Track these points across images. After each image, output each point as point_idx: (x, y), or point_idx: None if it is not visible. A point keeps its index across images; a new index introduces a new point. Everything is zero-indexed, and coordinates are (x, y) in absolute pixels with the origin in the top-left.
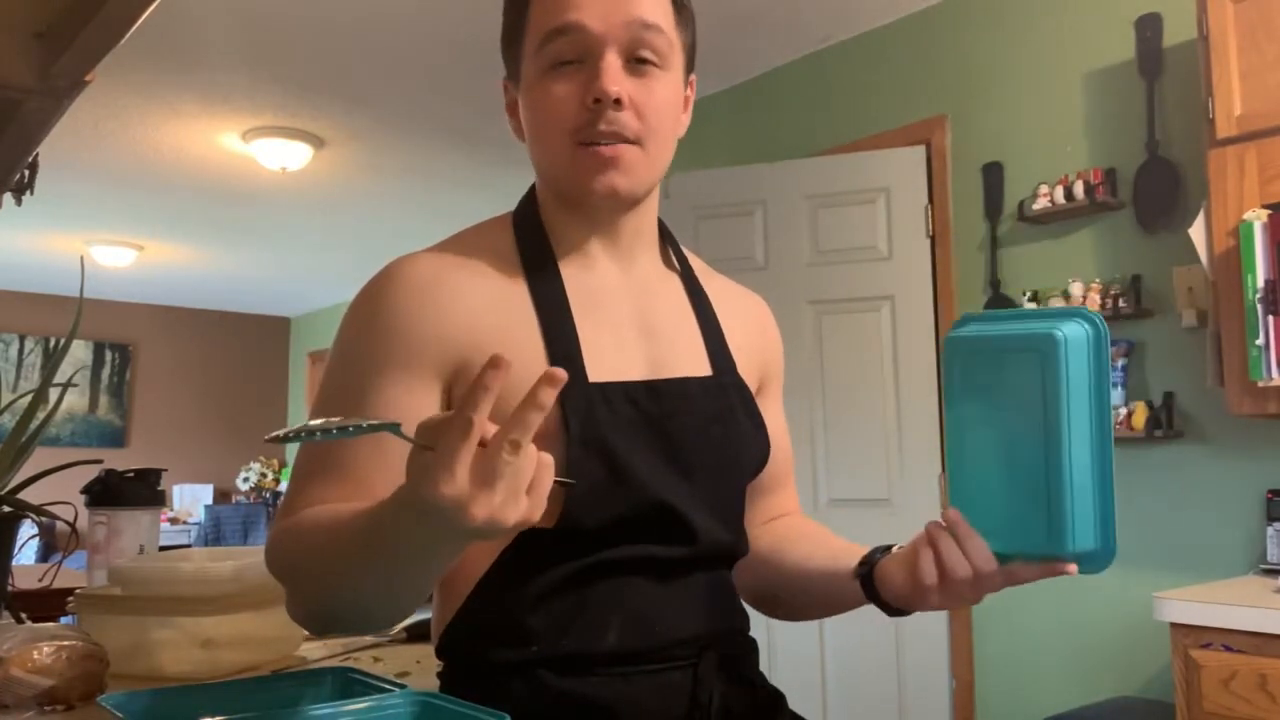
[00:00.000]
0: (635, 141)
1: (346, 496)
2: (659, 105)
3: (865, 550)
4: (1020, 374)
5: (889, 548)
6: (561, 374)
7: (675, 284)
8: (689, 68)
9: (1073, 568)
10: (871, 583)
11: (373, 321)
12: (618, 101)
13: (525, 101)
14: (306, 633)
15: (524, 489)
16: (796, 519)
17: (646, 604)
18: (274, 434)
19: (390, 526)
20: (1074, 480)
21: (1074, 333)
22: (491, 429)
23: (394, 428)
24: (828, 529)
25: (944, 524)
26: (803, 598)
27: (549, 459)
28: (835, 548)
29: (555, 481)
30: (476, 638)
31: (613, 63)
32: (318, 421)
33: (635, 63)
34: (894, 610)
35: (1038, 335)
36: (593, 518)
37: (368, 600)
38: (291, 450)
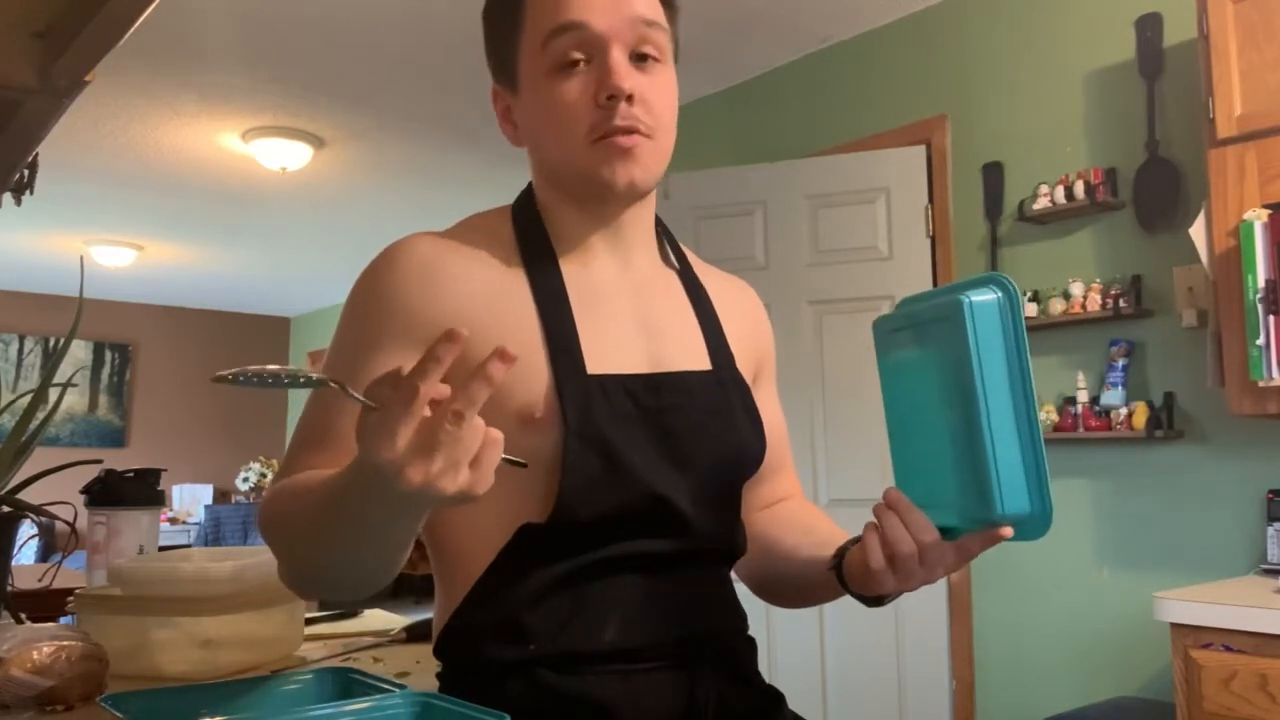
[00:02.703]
0: (647, 135)
1: (335, 463)
2: (665, 98)
3: (846, 539)
4: (937, 345)
5: (859, 539)
6: (513, 354)
7: (674, 280)
8: (675, 61)
9: (1008, 531)
10: (843, 574)
11: (372, 298)
12: (630, 97)
13: (529, 103)
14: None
15: (465, 461)
16: (794, 503)
17: (644, 601)
18: (220, 374)
19: (349, 487)
20: (995, 444)
21: (981, 298)
22: (446, 394)
23: (339, 384)
24: (820, 514)
25: (885, 503)
26: (794, 585)
27: (497, 435)
28: (821, 537)
29: (504, 460)
30: (474, 637)
31: (620, 59)
32: (255, 367)
33: (637, 59)
34: (870, 600)
35: (946, 304)
36: (587, 510)
37: (337, 563)
38: None
